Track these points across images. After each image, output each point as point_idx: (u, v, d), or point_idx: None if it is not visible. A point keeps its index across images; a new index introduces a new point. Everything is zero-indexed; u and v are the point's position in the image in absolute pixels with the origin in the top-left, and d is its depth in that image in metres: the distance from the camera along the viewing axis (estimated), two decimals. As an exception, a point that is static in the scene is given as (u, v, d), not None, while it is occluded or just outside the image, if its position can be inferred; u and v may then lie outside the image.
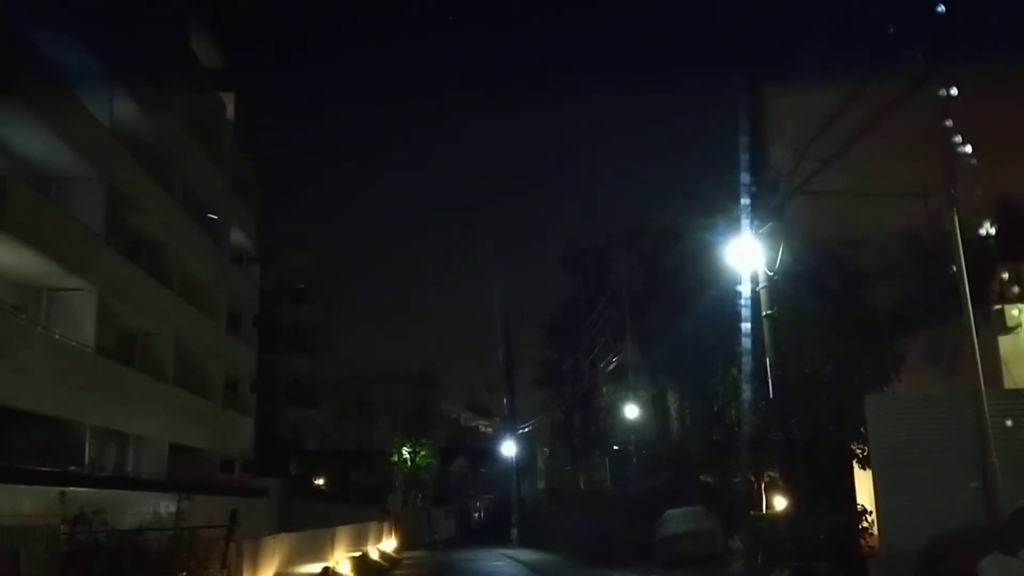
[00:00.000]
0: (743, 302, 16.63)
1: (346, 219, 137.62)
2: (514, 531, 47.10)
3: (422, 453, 47.98)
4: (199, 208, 30.95)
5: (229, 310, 34.95)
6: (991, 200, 17.72)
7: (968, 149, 13.73)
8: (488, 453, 66.58)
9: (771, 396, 15.88)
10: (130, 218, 25.40)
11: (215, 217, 32.32)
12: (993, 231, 16.03)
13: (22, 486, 15.31)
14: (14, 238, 18.53)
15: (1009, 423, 13.14)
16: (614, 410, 39.22)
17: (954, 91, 13.10)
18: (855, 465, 16.60)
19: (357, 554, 28.33)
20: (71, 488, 14.71)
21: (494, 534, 50.05)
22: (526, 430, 51.16)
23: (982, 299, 15.21)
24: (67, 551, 12.22)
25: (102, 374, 22.51)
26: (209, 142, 32.09)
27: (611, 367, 36.50)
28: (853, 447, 16.48)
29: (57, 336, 20.99)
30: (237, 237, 36.64)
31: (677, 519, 21.58)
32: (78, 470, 20.87)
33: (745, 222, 15.86)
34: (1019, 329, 16.16)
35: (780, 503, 17.00)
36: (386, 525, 35.61)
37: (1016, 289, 16.58)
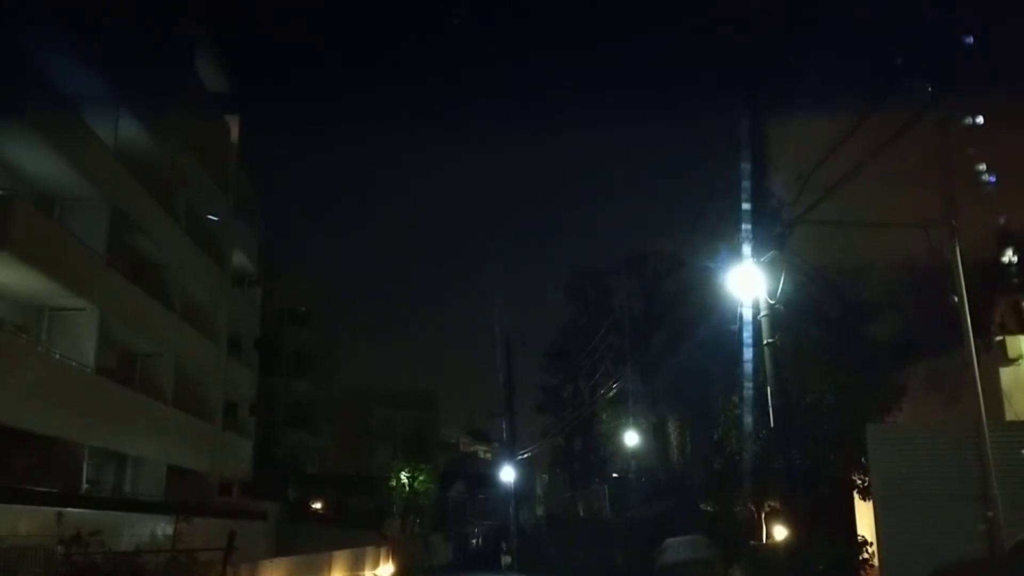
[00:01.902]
0: (744, 330, 16.61)
1: (347, 243, 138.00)
2: (506, 558, 46.80)
3: (421, 478, 47.78)
4: (202, 230, 31.03)
5: (230, 332, 34.95)
6: (993, 231, 17.78)
7: (970, 179, 13.76)
8: (487, 479, 66.24)
9: (772, 425, 15.82)
10: (133, 239, 25.46)
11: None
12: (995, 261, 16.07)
13: (19, 506, 15.26)
14: (17, 258, 18.58)
15: None
16: (614, 437, 39.09)
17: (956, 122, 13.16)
18: (856, 495, 16.52)
19: (354, 579, 28.20)
20: (68, 509, 14.69)
21: (492, 560, 49.77)
22: (526, 456, 50.94)
23: (983, 330, 15.20)
24: (63, 572, 12.20)
25: (102, 395, 22.48)
26: (213, 164, 32.22)
27: (612, 394, 36.42)
28: (854, 477, 16.40)
29: (58, 356, 20.99)
30: (239, 259, 36.71)
31: (677, 547, 21.44)
32: (85, 491, 20.85)
33: (747, 250, 15.85)
34: (1020, 360, 16.13)
35: (780, 533, 16.88)
36: (383, 550, 35.42)
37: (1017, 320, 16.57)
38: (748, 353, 16.67)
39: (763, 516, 19.53)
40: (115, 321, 23.52)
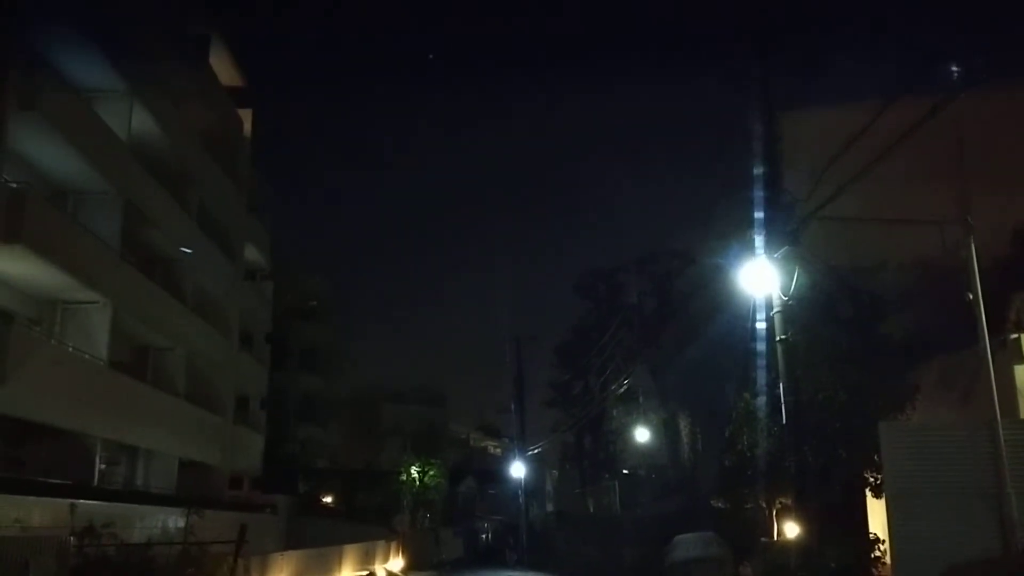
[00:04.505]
0: (757, 327, 16.56)
1: (359, 240, 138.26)
2: (512, 554, 46.79)
3: (431, 473, 47.86)
4: (214, 224, 31.09)
5: (241, 327, 35.02)
6: (1008, 227, 17.68)
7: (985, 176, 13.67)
8: (497, 474, 66.34)
9: (784, 422, 15.77)
10: (146, 233, 25.53)
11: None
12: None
13: (32, 498, 15.35)
14: (30, 250, 18.65)
15: None
16: (624, 433, 39.05)
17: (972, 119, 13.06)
18: (868, 493, 16.46)
19: (364, 573, 28.29)
20: (81, 501, 14.74)
21: (502, 555, 49.92)
22: (535, 452, 50.99)
23: (998, 328, 15.09)
24: (76, 564, 12.25)
25: (114, 388, 22.56)
26: (225, 159, 32.28)
27: (622, 390, 36.37)
28: (866, 475, 16.34)
29: (70, 349, 21.06)
30: (251, 254, 36.78)
31: (687, 545, 21.38)
32: (97, 484, 20.93)
33: (759, 246, 15.80)
34: (1035, 358, 16.00)
35: (792, 530, 16.82)
36: (394, 544, 35.49)
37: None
38: (760, 350, 16.64)
39: (774, 513, 19.48)
40: (128, 315, 23.60)
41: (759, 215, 16.06)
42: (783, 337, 15.59)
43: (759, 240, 15.79)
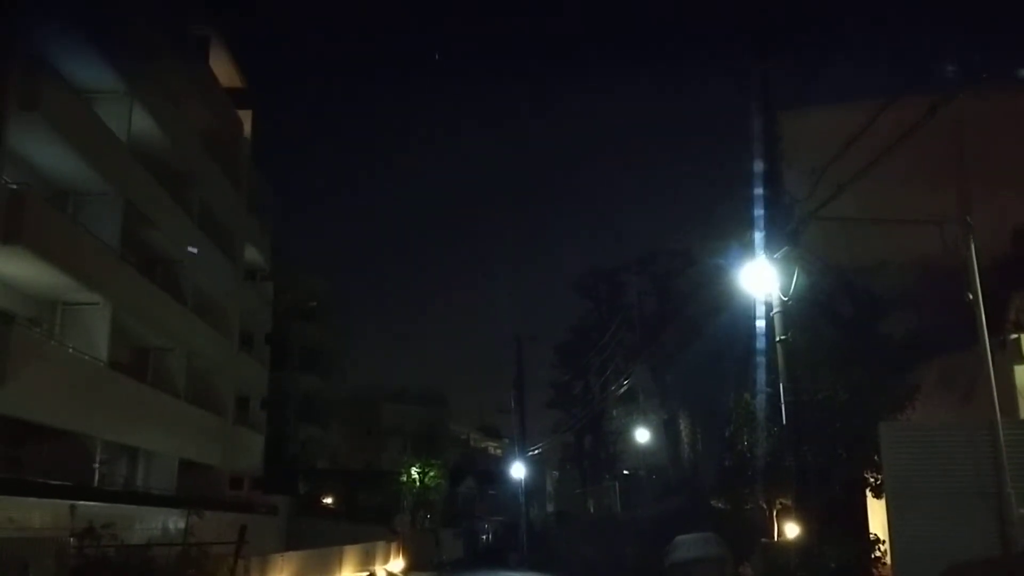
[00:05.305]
0: (757, 327, 16.55)
1: (359, 240, 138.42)
2: (513, 555, 46.80)
3: (431, 474, 47.84)
4: (214, 225, 31.07)
5: (242, 327, 35.01)
6: (1008, 227, 17.67)
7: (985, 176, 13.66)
8: (497, 475, 66.35)
9: (784, 422, 15.76)
10: (146, 234, 25.53)
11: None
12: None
13: (32, 499, 15.34)
14: (30, 251, 18.65)
15: None
16: (624, 434, 39.04)
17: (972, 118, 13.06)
18: (868, 494, 16.44)
19: (365, 573, 28.27)
20: (81, 502, 14.74)
21: (502, 556, 49.90)
22: (536, 452, 50.98)
23: (998, 328, 15.09)
24: (76, 565, 12.24)
25: (114, 388, 22.56)
26: (225, 159, 32.28)
27: (622, 390, 36.36)
28: (866, 475, 16.33)
29: (71, 350, 21.06)
30: (251, 254, 36.76)
31: (687, 545, 21.37)
32: (97, 485, 20.92)
33: (759, 246, 15.79)
34: (1035, 358, 16.00)
35: (792, 531, 16.80)
36: (394, 545, 35.45)
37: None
38: (760, 350, 16.63)
39: (775, 514, 19.47)
40: (128, 315, 23.60)
41: (759, 215, 16.06)
42: (783, 337, 15.57)
43: (759, 240, 15.78)
